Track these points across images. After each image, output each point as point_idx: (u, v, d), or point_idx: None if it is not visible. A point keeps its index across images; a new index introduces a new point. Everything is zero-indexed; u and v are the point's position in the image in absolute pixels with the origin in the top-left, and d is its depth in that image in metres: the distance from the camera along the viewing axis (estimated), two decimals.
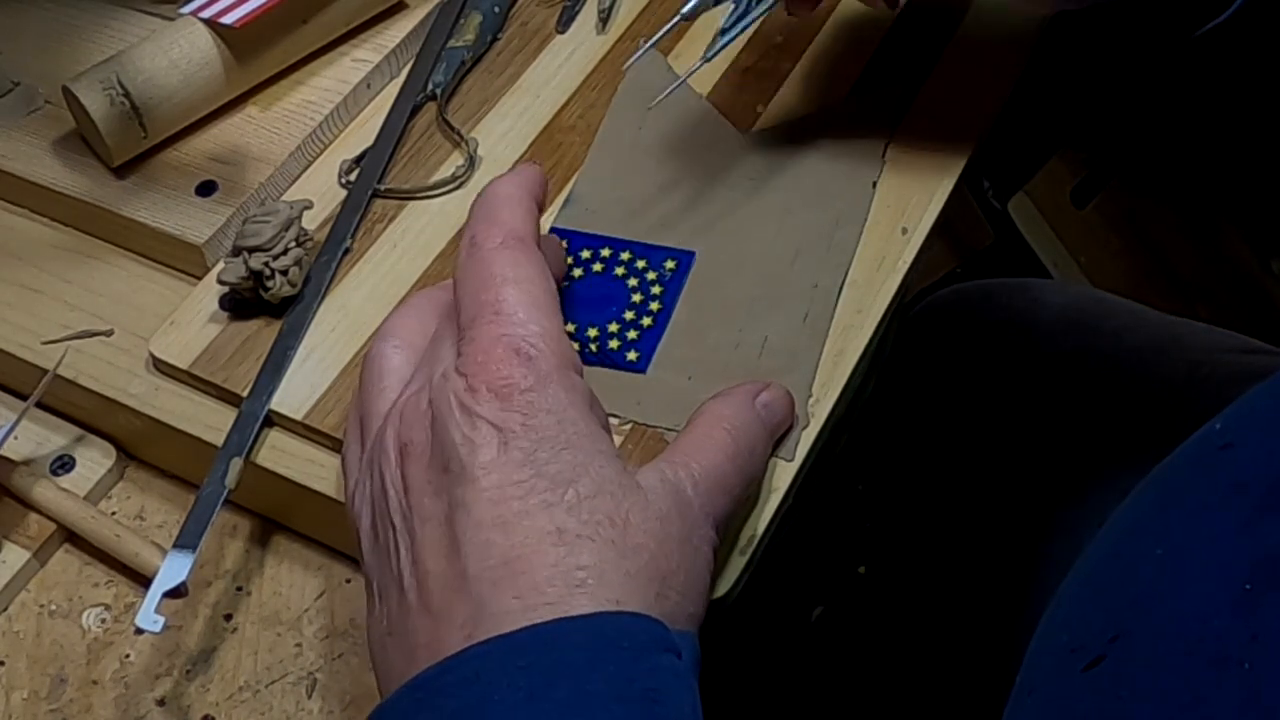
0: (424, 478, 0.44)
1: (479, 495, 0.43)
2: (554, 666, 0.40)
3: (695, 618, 0.45)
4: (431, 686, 0.41)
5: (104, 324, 0.59)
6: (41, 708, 0.53)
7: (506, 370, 0.44)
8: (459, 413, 0.44)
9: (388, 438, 0.46)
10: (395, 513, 0.44)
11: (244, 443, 0.54)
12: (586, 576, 0.42)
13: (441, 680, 0.41)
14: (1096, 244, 1.36)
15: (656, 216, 0.59)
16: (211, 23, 0.62)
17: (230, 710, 0.53)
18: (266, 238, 0.56)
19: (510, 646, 0.40)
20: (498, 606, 0.41)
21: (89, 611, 0.56)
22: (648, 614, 0.42)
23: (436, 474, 0.44)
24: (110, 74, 0.60)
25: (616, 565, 0.42)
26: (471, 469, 0.43)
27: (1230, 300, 1.34)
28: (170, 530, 0.57)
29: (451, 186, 0.62)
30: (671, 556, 0.44)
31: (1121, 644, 0.41)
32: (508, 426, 0.43)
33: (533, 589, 0.41)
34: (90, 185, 0.62)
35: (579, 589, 0.41)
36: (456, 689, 0.40)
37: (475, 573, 0.42)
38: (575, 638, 0.41)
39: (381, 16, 0.68)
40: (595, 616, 0.41)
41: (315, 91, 0.66)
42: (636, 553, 0.43)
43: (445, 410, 0.44)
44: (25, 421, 0.57)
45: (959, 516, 0.76)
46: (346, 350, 0.56)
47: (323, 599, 0.55)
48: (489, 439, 0.43)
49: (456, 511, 0.43)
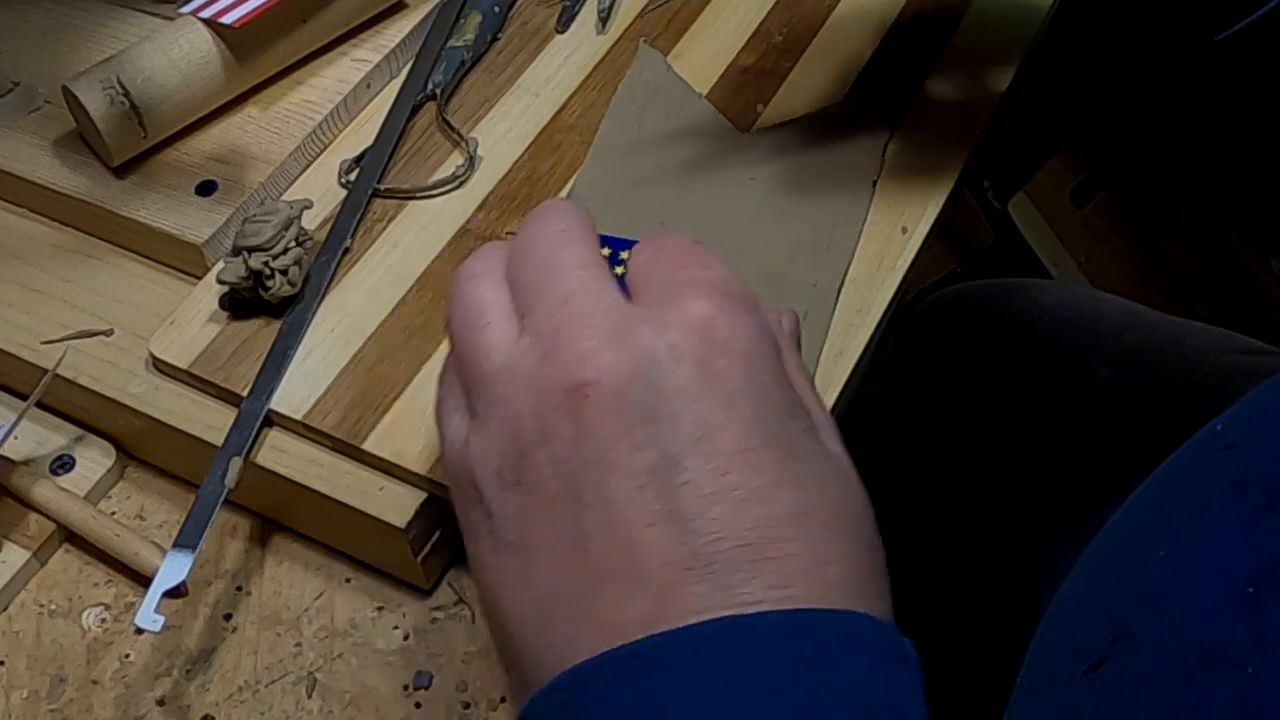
0: (616, 425, 0.38)
1: (704, 460, 0.38)
2: (805, 661, 0.36)
3: None
4: (651, 658, 0.36)
5: (104, 324, 0.59)
6: (41, 707, 0.53)
7: (729, 323, 0.39)
8: (670, 359, 0.39)
9: (553, 376, 0.39)
10: (568, 460, 0.38)
11: (244, 442, 0.54)
12: (836, 571, 0.37)
13: (665, 654, 0.36)
14: (1096, 244, 1.36)
15: (656, 216, 0.59)
16: (211, 23, 0.62)
17: (230, 710, 0.53)
18: (266, 237, 0.56)
19: (754, 634, 0.36)
20: (742, 592, 0.36)
21: (89, 611, 0.56)
22: (883, 618, 0.38)
23: (637, 423, 0.38)
24: (110, 74, 0.60)
25: (858, 560, 0.38)
26: (690, 426, 0.38)
27: (1230, 300, 1.34)
28: (170, 530, 0.57)
29: (451, 186, 0.62)
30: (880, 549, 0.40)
31: (1123, 646, 0.41)
32: (735, 384, 0.39)
33: (781, 578, 0.37)
34: (90, 185, 0.62)
35: (828, 584, 0.37)
36: (690, 664, 0.36)
37: (709, 550, 0.37)
38: (821, 635, 0.37)
39: (381, 16, 0.68)
40: (843, 615, 0.37)
41: (315, 91, 0.66)
42: (874, 550, 0.39)
43: (653, 353, 0.39)
44: (25, 421, 0.57)
45: (958, 517, 0.76)
46: (346, 350, 0.56)
47: (323, 599, 0.55)
48: (713, 395, 0.38)
49: (672, 473, 0.38)
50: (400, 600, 0.55)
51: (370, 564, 0.56)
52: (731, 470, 0.38)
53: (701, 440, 0.38)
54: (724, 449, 0.38)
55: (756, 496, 0.37)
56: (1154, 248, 1.37)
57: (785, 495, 0.38)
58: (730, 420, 0.38)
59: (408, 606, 0.55)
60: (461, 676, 0.53)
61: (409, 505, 0.52)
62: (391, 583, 0.55)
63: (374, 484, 0.53)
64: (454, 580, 0.55)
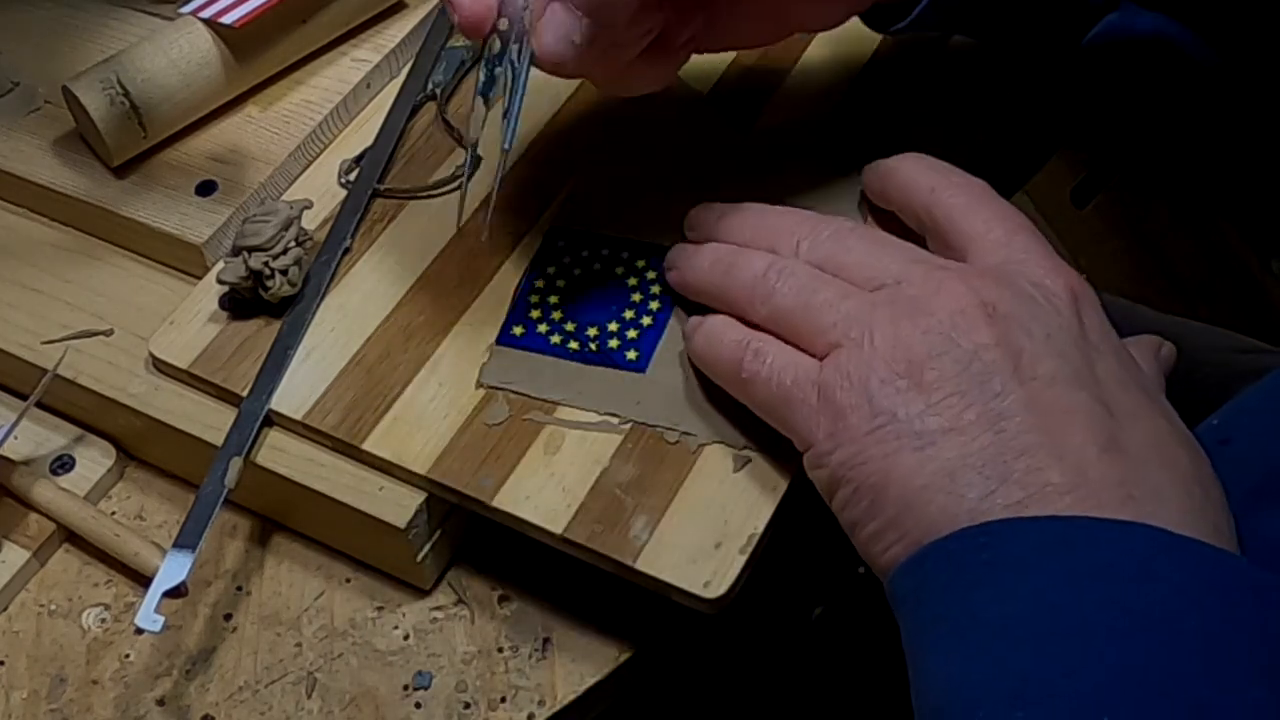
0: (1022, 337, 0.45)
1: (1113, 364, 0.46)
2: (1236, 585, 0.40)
3: None
4: (1086, 535, 0.41)
5: (104, 324, 0.59)
6: (41, 708, 0.53)
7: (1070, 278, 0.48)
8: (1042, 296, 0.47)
9: (958, 299, 0.46)
10: (999, 367, 0.44)
11: (244, 442, 0.54)
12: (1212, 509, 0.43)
13: (1071, 533, 0.41)
14: (1096, 244, 1.36)
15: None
16: (211, 23, 0.62)
17: (230, 710, 0.53)
18: (266, 237, 0.56)
19: (1177, 541, 0.41)
20: (1167, 496, 0.42)
21: (89, 611, 0.56)
22: None
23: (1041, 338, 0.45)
24: (110, 74, 0.60)
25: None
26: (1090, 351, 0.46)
27: (1230, 300, 1.34)
28: (170, 530, 0.57)
29: (451, 186, 0.62)
30: None
31: None
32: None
33: (1195, 492, 0.43)
34: (90, 185, 0.62)
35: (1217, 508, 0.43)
36: (1128, 545, 0.40)
37: (1138, 454, 0.43)
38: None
39: (381, 16, 0.68)
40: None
41: (315, 91, 0.66)
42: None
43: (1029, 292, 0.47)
44: (25, 421, 0.57)
45: None
46: (346, 350, 0.56)
47: (322, 599, 0.55)
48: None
49: (1109, 386, 0.45)
50: (400, 600, 0.55)
51: (370, 564, 0.56)
52: (1131, 383, 0.46)
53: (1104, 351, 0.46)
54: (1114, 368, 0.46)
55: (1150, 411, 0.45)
56: (1154, 248, 1.37)
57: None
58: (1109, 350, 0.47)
59: (408, 606, 0.55)
60: (461, 676, 0.53)
61: (409, 505, 0.52)
62: (391, 583, 0.55)
63: (374, 484, 0.53)
64: (454, 580, 0.55)
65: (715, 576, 0.48)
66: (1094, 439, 0.43)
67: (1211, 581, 0.40)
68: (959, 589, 0.41)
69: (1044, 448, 0.43)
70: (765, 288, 0.50)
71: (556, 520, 0.50)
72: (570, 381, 0.54)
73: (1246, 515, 0.43)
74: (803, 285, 0.49)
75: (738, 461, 0.51)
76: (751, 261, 0.51)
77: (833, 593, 0.80)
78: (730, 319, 0.51)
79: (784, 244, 0.51)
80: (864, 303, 0.47)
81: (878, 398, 0.45)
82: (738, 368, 0.49)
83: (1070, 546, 0.40)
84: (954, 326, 0.45)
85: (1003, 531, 0.41)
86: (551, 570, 0.54)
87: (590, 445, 0.52)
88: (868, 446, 0.45)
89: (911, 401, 0.44)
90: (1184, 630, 0.38)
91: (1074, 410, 0.44)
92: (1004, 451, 0.43)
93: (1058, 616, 0.39)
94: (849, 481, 0.45)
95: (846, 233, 0.51)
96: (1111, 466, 0.42)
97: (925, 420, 0.44)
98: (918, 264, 0.48)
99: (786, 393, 0.48)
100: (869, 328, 0.46)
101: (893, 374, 0.45)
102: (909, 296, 0.47)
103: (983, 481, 0.42)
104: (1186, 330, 0.78)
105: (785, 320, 0.49)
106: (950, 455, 0.43)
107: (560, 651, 0.53)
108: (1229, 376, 0.72)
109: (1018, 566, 0.41)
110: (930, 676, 0.42)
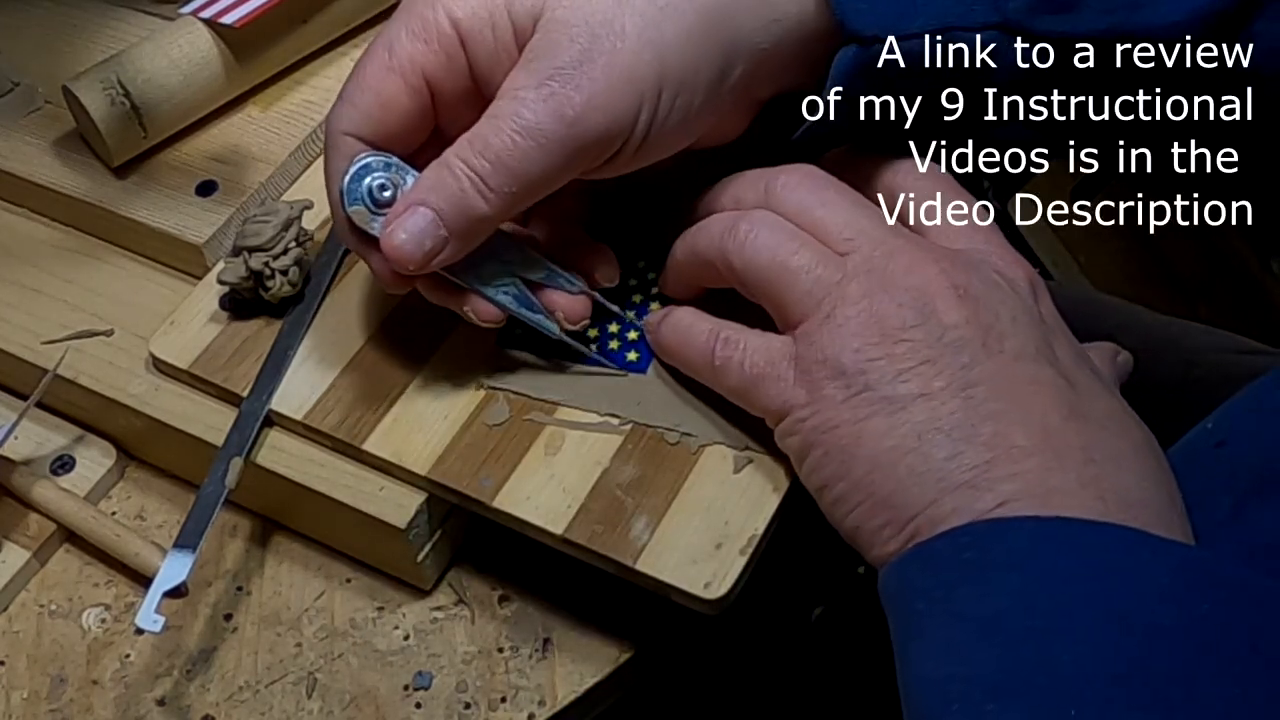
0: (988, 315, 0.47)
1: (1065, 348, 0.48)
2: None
3: None
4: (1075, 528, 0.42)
5: (104, 324, 0.59)
6: (41, 708, 0.53)
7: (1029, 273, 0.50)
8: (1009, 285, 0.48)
9: (930, 279, 0.47)
10: (968, 343, 0.46)
11: (244, 442, 0.54)
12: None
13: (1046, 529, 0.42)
14: (1096, 244, 1.36)
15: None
16: (211, 23, 0.62)
17: (230, 710, 0.53)
18: (266, 238, 0.56)
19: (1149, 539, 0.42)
20: (1126, 461, 0.44)
21: (89, 611, 0.56)
22: None
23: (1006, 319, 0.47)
24: (110, 74, 0.60)
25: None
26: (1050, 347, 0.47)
27: (1230, 300, 1.34)
28: (170, 530, 0.57)
29: None
30: None
31: None
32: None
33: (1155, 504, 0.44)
34: (90, 185, 0.62)
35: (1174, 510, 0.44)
36: (1106, 546, 0.42)
37: (1099, 422, 0.45)
38: None
39: (381, 16, 0.68)
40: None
41: (315, 91, 0.66)
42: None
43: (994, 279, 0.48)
44: (25, 421, 0.57)
45: None
46: (346, 350, 0.56)
47: (323, 599, 0.55)
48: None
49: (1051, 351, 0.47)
50: (400, 600, 0.55)
51: (370, 564, 0.56)
52: (1086, 367, 0.48)
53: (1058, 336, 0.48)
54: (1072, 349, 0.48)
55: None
56: (1154, 248, 1.37)
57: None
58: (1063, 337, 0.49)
59: (408, 606, 0.55)
60: (461, 676, 0.53)
61: (409, 505, 0.52)
62: (391, 583, 0.55)
63: (374, 484, 0.53)
64: (454, 580, 0.55)
65: (715, 577, 0.48)
66: (1057, 408, 0.45)
67: (1186, 581, 0.40)
68: (943, 587, 0.42)
69: (1010, 414, 0.44)
70: (736, 240, 0.50)
71: (557, 521, 0.50)
72: (571, 382, 0.54)
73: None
74: (778, 243, 0.49)
75: (738, 462, 0.51)
76: (721, 216, 0.51)
77: (833, 593, 0.80)
78: (694, 309, 0.52)
79: (750, 191, 0.52)
80: (837, 269, 0.48)
81: (851, 368, 0.46)
82: (710, 357, 0.50)
83: (1051, 547, 0.42)
84: (926, 302, 0.46)
85: (987, 533, 0.43)
86: (552, 570, 0.54)
87: (591, 446, 0.52)
88: (841, 412, 0.46)
89: (884, 370, 0.46)
90: (1157, 628, 0.39)
91: (1039, 382, 0.45)
92: (971, 416, 0.44)
93: (1036, 614, 0.40)
94: (819, 445, 0.47)
95: (823, 185, 0.51)
96: (1075, 433, 0.44)
97: (896, 386, 0.46)
98: (891, 232, 0.49)
99: (761, 373, 0.49)
100: (843, 298, 0.47)
101: (866, 344, 0.46)
102: (883, 269, 0.47)
103: (950, 443, 0.44)
104: (1183, 331, 0.78)
105: (758, 276, 0.49)
106: (920, 418, 0.45)
107: (560, 652, 0.53)
108: (1225, 378, 0.72)
109: (1000, 566, 0.42)
110: (913, 671, 0.43)
